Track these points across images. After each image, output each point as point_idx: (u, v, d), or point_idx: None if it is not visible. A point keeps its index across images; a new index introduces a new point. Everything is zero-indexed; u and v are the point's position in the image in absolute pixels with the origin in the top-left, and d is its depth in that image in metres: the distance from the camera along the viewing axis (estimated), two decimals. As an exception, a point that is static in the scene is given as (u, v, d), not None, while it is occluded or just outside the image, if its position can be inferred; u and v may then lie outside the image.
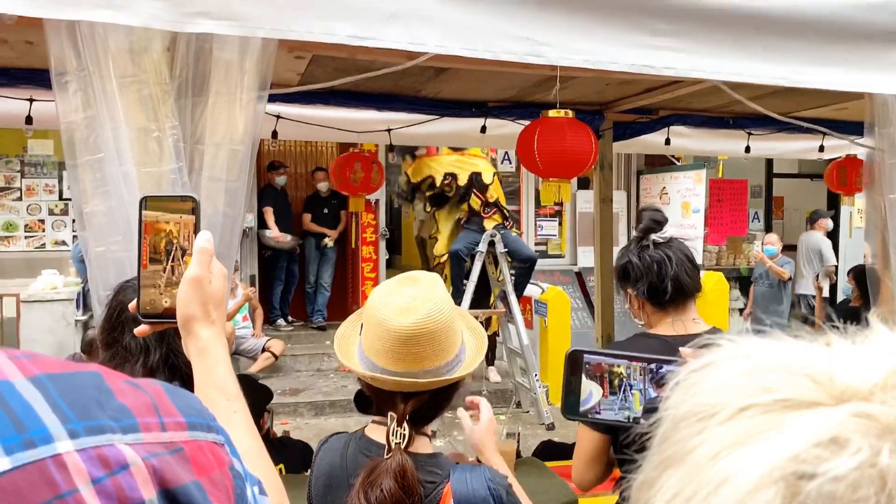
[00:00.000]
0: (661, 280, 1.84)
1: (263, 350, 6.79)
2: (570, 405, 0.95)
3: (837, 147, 4.70)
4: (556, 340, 7.14)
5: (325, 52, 2.42)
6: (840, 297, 8.29)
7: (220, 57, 1.64)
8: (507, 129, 3.77)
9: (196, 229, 0.96)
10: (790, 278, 7.64)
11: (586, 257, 8.98)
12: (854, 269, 6.02)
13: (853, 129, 3.77)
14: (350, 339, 1.49)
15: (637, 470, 0.41)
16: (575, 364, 0.94)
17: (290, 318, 8.57)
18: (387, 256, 8.94)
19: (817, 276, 7.13)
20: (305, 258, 8.54)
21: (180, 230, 0.96)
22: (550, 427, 6.18)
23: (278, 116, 3.56)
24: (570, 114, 2.32)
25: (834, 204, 10.17)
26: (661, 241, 1.89)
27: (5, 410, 0.43)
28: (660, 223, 1.91)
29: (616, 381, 0.93)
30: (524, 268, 6.49)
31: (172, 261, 0.96)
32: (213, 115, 1.66)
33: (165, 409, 0.51)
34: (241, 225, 1.74)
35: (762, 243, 8.02)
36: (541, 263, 7.09)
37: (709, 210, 8.99)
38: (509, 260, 6.38)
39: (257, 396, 3.42)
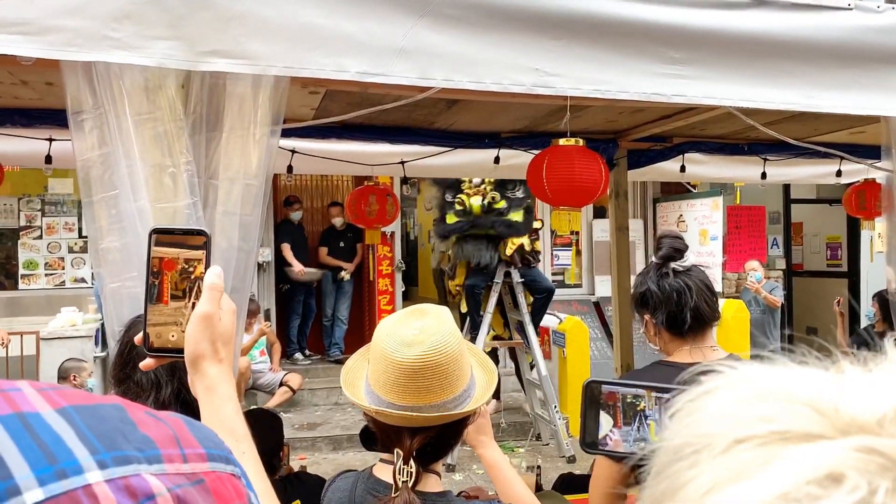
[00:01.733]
0: (680, 310, 1.82)
1: (281, 384, 6.79)
2: (589, 438, 0.93)
3: (855, 171, 4.66)
4: (576, 371, 7.07)
5: (337, 87, 2.45)
6: (864, 322, 8.16)
7: (234, 92, 1.66)
8: (521, 160, 3.78)
9: (206, 264, 0.95)
10: (783, 304, 7.58)
11: (603, 287, 8.93)
12: (879, 293, 5.95)
13: (871, 153, 3.73)
14: (357, 373, 1.48)
15: None
16: (592, 396, 0.92)
17: (307, 352, 8.58)
18: (403, 289, 8.95)
19: (838, 301, 7.03)
20: (322, 292, 8.57)
21: (190, 264, 0.95)
22: (571, 460, 6.09)
23: (293, 151, 3.60)
24: (581, 142, 2.32)
25: (854, 229, 10.07)
26: (681, 269, 1.86)
27: (37, 442, 0.44)
28: (680, 251, 1.89)
29: (630, 412, 0.91)
30: (542, 298, 6.46)
31: (181, 296, 0.95)
32: (227, 149, 1.67)
33: (186, 441, 0.52)
34: (255, 259, 1.74)
35: (748, 271, 7.95)
36: (558, 293, 7.05)
37: (727, 237, 8.92)
38: (526, 291, 6.35)
39: (271, 425, 3.39)
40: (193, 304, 0.92)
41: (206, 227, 1.65)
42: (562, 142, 2.32)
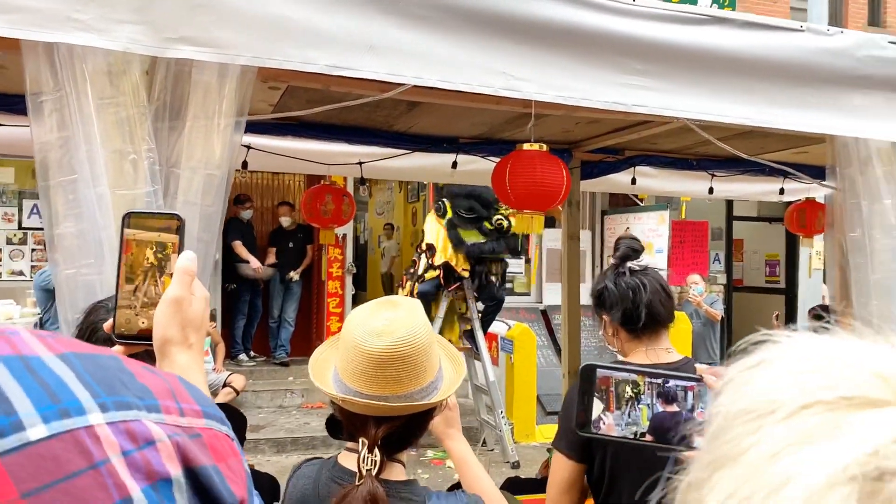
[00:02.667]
0: (635, 307, 1.87)
1: (224, 385, 6.67)
2: (584, 422, 0.94)
3: (797, 190, 4.83)
4: (522, 377, 7.14)
5: (300, 82, 2.44)
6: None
7: (199, 80, 1.64)
8: (478, 166, 3.81)
9: (179, 249, 0.93)
10: (723, 318, 7.82)
11: (551, 295, 9.04)
12: (813, 309, 6.15)
13: (813, 172, 3.88)
14: (326, 362, 1.47)
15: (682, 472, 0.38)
16: (589, 379, 0.94)
17: (252, 353, 8.45)
18: (353, 292, 8.89)
19: (776, 315, 7.27)
20: (269, 292, 8.45)
21: (162, 248, 0.93)
22: (515, 465, 6.14)
23: (249, 147, 3.55)
24: (545, 147, 2.36)
25: (792, 246, 10.43)
26: (637, 268, 1.92)
27: (39, 382, 0.44)
28: (636, 251, 1.95)
29: (623, 396, 0.93)
30: (492, 306, 6.50)
31: (152, 280, 0.93)
32: (191, 138, 1.65)
33: (182, 396, 0.53)
34: (214, 250, 1.72)
35: (689, 284, 8.19)
36: (506, 301, 7.11)
37: (671, 251, 9.13)
38: (476, 297, 6.39)
39: (237, 423, 3.35)
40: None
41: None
42: (525, 147, 2.36)
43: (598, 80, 1.93)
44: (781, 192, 4.81)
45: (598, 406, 0.93)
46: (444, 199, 6.28)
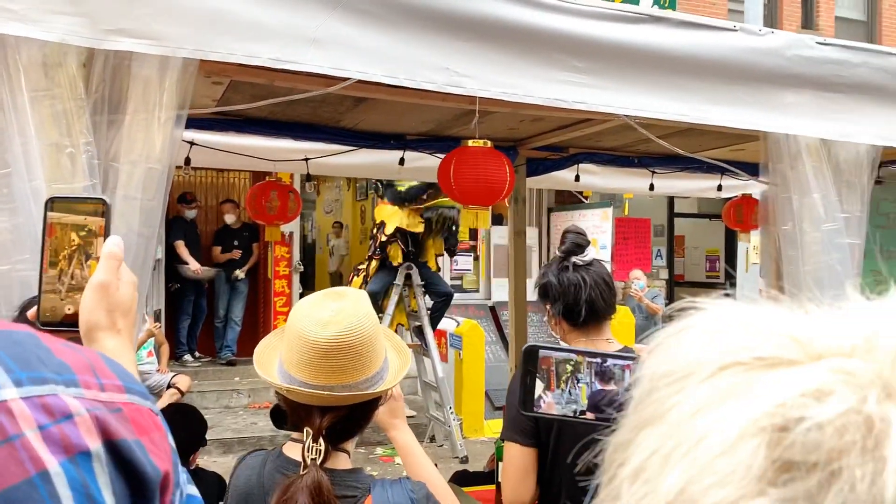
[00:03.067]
0: (576, 303, 1.92)
1: (169, 386, 6.54)
2: (527, 401, 0.96)
3: (734, 187, 4.98)
4: (471, 374, 7.19)
5: (243, 77, 2.41)
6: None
7: (139, 74, 1.61)
8: (425, 162, 3.83)
9: (105, 233, 0.91)
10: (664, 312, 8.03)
11: (499, 292, 9.12)
12: (751, 302, 6.34)
13: (749, 169, 4.01)
14: (271, 352, 1.47)
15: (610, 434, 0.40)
16: (531, 360, 0.96)
17: (197, 354, 8.32)
18: (301, 290, 8.82)
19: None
20: (215, 292, 8.32)
21: (88, 233, 0.91)
22: (464, 460, 6.18)
23: (192, 143, 3.49)
24: (489, 144, 2.39)
25: (730, 242, 10.73)
26: (581, 263, 1.96)
27: None
28: (581, 246, 1.99)
29: (564, 375, 0.96)
30: (440, 302, 6.53)
31: (77, 264, 0.90)
32: (130, 132, 1.62)
33: (102, 372, 0.52)
34: (155, 245, 1.69)
35: (632, 280, 8.39)
36: (455, 298, 7.15)
37: (615, 247, 9.31)
38: (425, 294, 6.41)
39: (197, 425, 3.31)
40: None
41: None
42: (471, 143, 2.38)
43: (540, 76, 1.97)
44: (719, 188, 4.94)
45: (539, 386, 0.96)
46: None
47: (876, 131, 2.30)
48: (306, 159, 3.95)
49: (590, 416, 0.96)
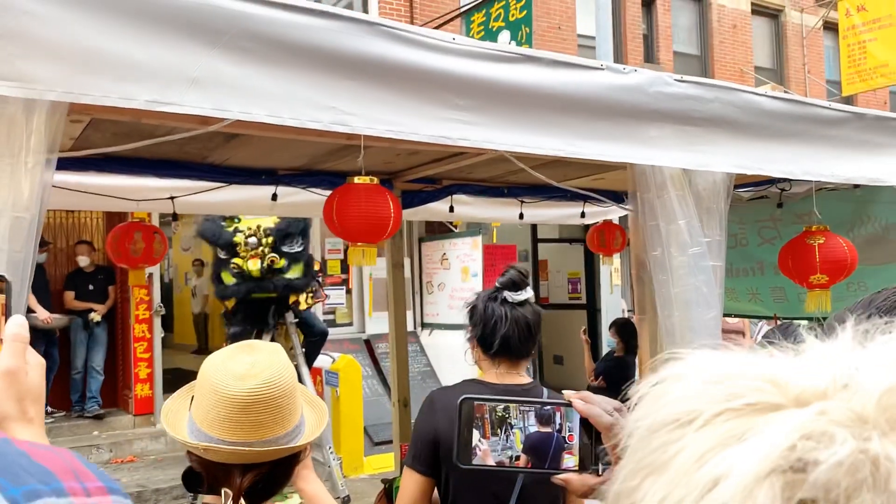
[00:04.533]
0: (492, 334, 1.96)
1: (18, 447, 6.00)
2: (464, 454, 0.96)
3: (596, 213, 5.24)
4: (349, 410, 7.08)
5: (106, 115, 2.28)
6: (605, 349, 9.09)
7: (2, 114, 1.49)
8: (300, 198, 3.77)
9: (6, 313, 0.83)
10: None
11: (374, 324, 9.07)
12: (615, 322, 6.65)
13: (610, 196, 4.24)
14: (179, 412, 1.39)
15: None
16: (467, 412, 0.96)
17: (49, 409, 7.67)
18: (162, 334, 8.37)
19: (584, 330, 7.78)
20: (70, 341, 7.75)
21: None
22: (346, 500, 6.05)
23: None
24: (375, 180, 2.39)
25: (590, 265, 11.26)
26: (510, 300, 1.98)
27: None
28: (517, 284, 2.01)
29: (497, 423, 0.96)
30: (315, 341, 6.40)
31: None
32: (-6, 179, 1.49)
33: (83, 474, 0.50)
34: (25, 299, 1.56)
35: None
36: (330, 332, 7.04)
37: (485, 273, 9.52)
38: (299, 332, 6.26)
39: None
40: None
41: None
42: (356, 180, 2.37)
43: (424, 114, 2.00)
44: (583, 215, 5.19)
45: (475, 434, 0.96)
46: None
47: (729, 160, 2.50)
48: (172, 198, 3.79)
49: (524, 459, 0.97)
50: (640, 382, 0.44)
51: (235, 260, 5.83)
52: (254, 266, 5.79)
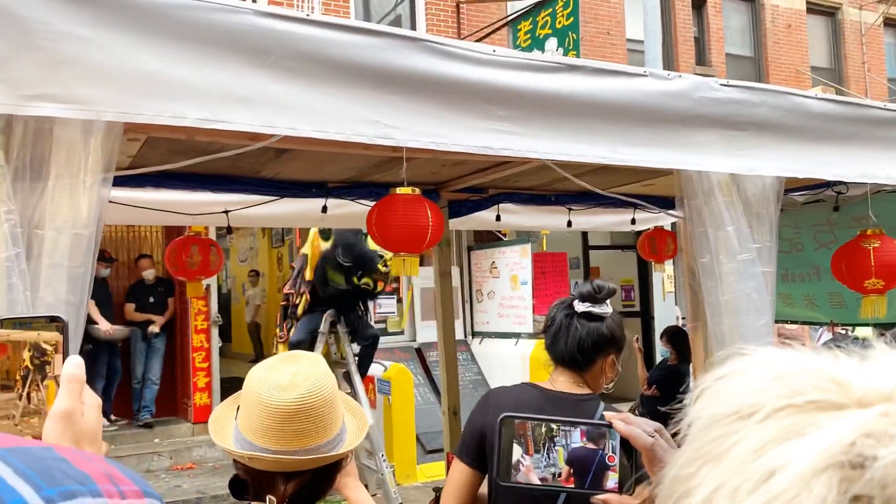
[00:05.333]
0: (553, 342, 1.99)
1: (84, 454, 6.21)
2: (501, 470, 0.98)
3: (647, 220, 5.18)
4: (401, 418, 7.12)
5: (161, 133, 2.37)
6: (658, 357, 8.95)
7: (62, 137, 1.57)
8: (349, 209, 3.83)
9: (64, 352, 0.82)
10: None
11: (425, 333, 9.11)
12: (666, 330, 6.54)
13: (660, 202, 4.19)
14: (226, 421, 1.44)
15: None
16: (508, 429, 0.98)
17: (113, 417, 7.93)
18: (220, 344, 8.57)
19: (636, 338, 7.68)
20: (131, 352, 8.00)
21: (42, 351, 0.82)
22: (400, 508, 6.08)
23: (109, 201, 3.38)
24: (417, 191, 2.42)
25: (644, 272, 11.10)
26: (581, 311, 1.97)
27: None
28: (594, 297, 1.99)
29: (540, 440, 0.98)
30: (368, 346, 6.46)
31: (33, 386, 0.82)
32: (54, 197, 1.57)
33: (119, 479, 0.52)
34: (84, 314, 1.63)
35: None
36: (381, 340, 7.10)
37: (534, 282, 9.48)
38: (351, 341, 6.33)
39: None
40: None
41: (30, 280, 1.53)
42: (399, 191, 2.41)
43: (466, 126, 2.02)
44: (633, 222, 5.13)
45: (517, 450, 0.98)
46: (334, 236, 6.27)
47: (778, 165, 2.45)
48: (227, 211, 3.89)
49: (566, 475, 0.98)
50: (703, 377, 0.45)
51: (366, 279, 6.09)
52: (374, 287, 6.14)
